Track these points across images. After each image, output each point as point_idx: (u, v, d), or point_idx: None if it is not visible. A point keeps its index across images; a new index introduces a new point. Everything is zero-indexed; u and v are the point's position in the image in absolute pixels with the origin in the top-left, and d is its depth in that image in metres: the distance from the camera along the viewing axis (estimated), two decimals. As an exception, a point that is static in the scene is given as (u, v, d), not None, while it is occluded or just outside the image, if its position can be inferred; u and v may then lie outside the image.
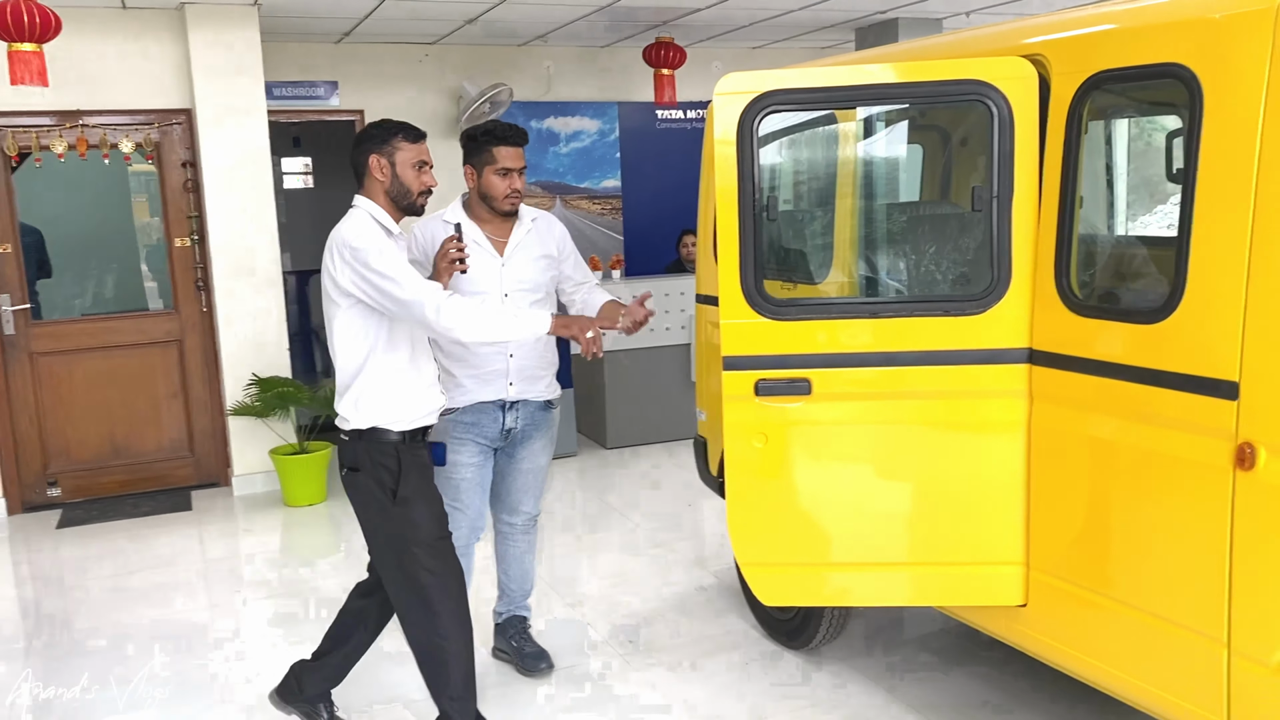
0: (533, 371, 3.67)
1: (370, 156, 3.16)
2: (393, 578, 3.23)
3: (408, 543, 3.16)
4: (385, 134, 3.17)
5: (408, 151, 3.18)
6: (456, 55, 8.43)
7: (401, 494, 3.13)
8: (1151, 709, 2.72)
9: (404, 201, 3.21)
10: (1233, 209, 2.35)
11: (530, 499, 3.87)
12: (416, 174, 3.20)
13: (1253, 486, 2.34)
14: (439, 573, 3.19)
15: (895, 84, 2.92)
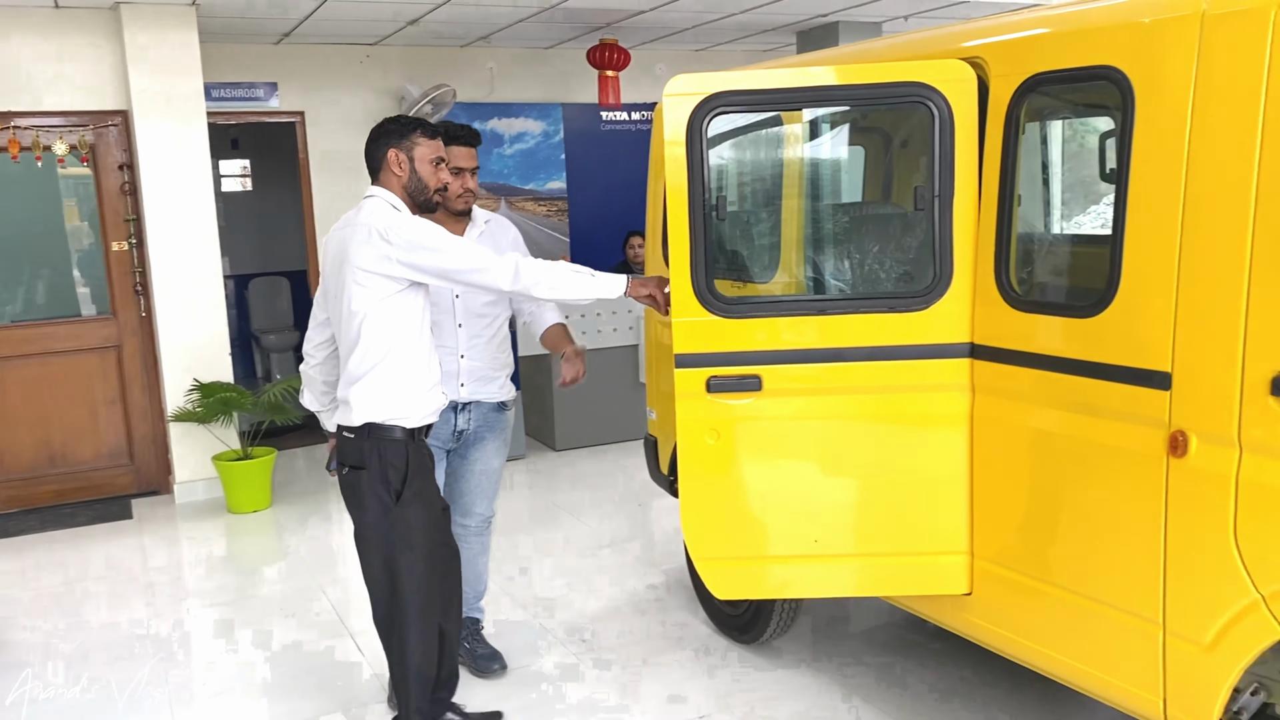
0: (484, 373, 3.68)
1: (389, 150, 3.17)
2: (376, 580, 3.22)
3: (401, 548, 3.15)
4: (404, 129, 3.19)
5: (426, 147, 3.20)
6: (398, 56, 8.39)
7: (406, 496, 3.12)
8: (1092, 691, 2.81)
9: (420, 197, 3.22)
10: (1163, 207, 2.44)
11: (484, 500, 3.88)
12: (434, 170, 3.21)
13: (1184, 473, 2.44)
14: (423, 584, 3.18)
15: (839, 86, 2.98)
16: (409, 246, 3.00)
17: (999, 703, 3.61)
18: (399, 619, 3.18)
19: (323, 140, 8.23)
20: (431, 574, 3.23)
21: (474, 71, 8.66)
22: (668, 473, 4.44)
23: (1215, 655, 2.42)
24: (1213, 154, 2.34)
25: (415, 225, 3.05)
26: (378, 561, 3.19)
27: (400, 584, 3.15)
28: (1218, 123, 2.33)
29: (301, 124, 8.18)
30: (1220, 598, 2.39)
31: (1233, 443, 2.33)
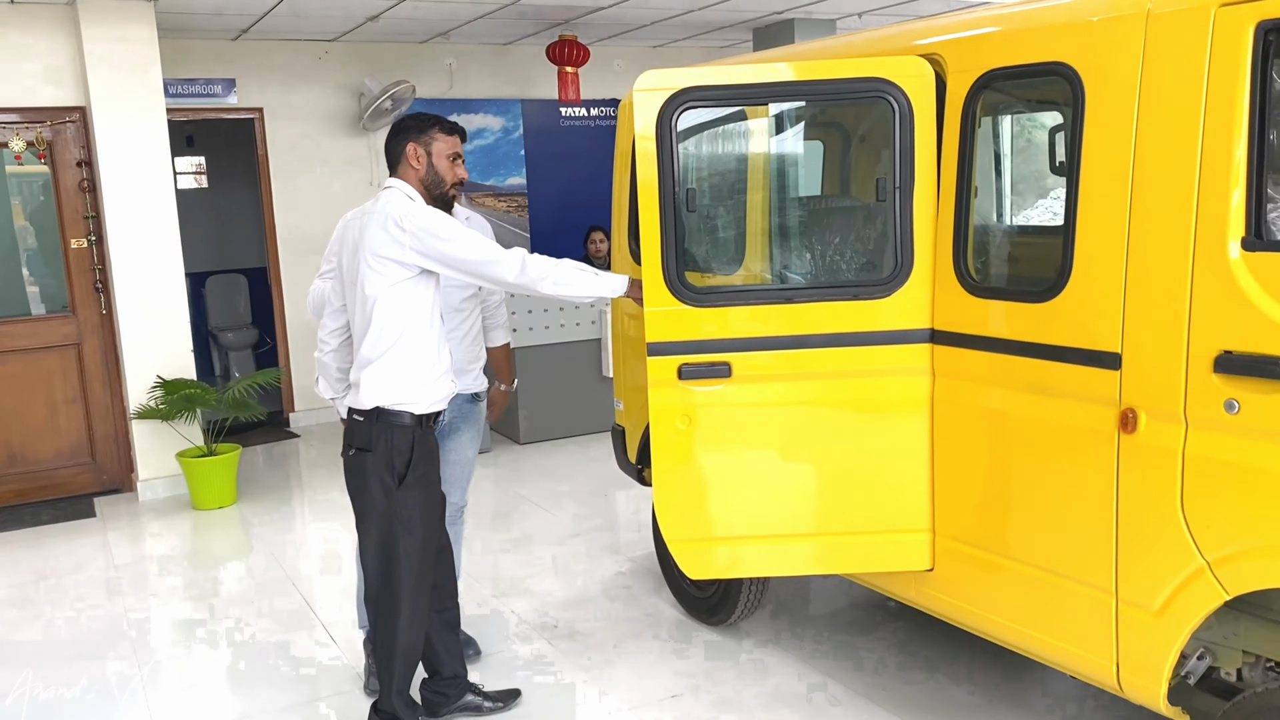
0: (460, 365, 3.74)
1: (408, 145, 3.28)
2: (373, 561, 3.29)
3: (400, 530, 3.22)
4: (423, 125, 3.30)
5: (443, 143, 3.30)
6: (357, 52, 8.39)
7: (409, 480, 3.20)
8: (1048, 659, 2.94)
9: (436, 190, 3.31)
10: (1112, 197, 2.57)
11: (457, 490, 3.94)
12: (450, 165, 3.32)
13: (1134, 448, 2.57)
14: (417, 567, 3.27)
15: (805, 81, 3.09)
16: (421, 234, 3.08)
17: (960, 677, 3.74)
18: (392, 599, 3.25)
19: (282, 137, 8.22)
20: (425, 558, 3.31)
21: (433, 67, 8.69)
22: (636, 461, 4.53)
23: (1164, 620, 2.56)
24: (1158, 146, 2.47)
25: (429, 215, 3.14)
26: (375, 542, 3.25)
27: (396, 565, 3.23)
28: (1163, 116, 2.46)
29: (260, 120, 8.16)
30: (1169, 565, 2.53)
31: (1179, 419, 2.47)
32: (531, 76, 9.11)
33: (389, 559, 3.24)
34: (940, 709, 3.53)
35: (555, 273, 3.14)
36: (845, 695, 3.66)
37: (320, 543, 5.71)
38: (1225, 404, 2.37)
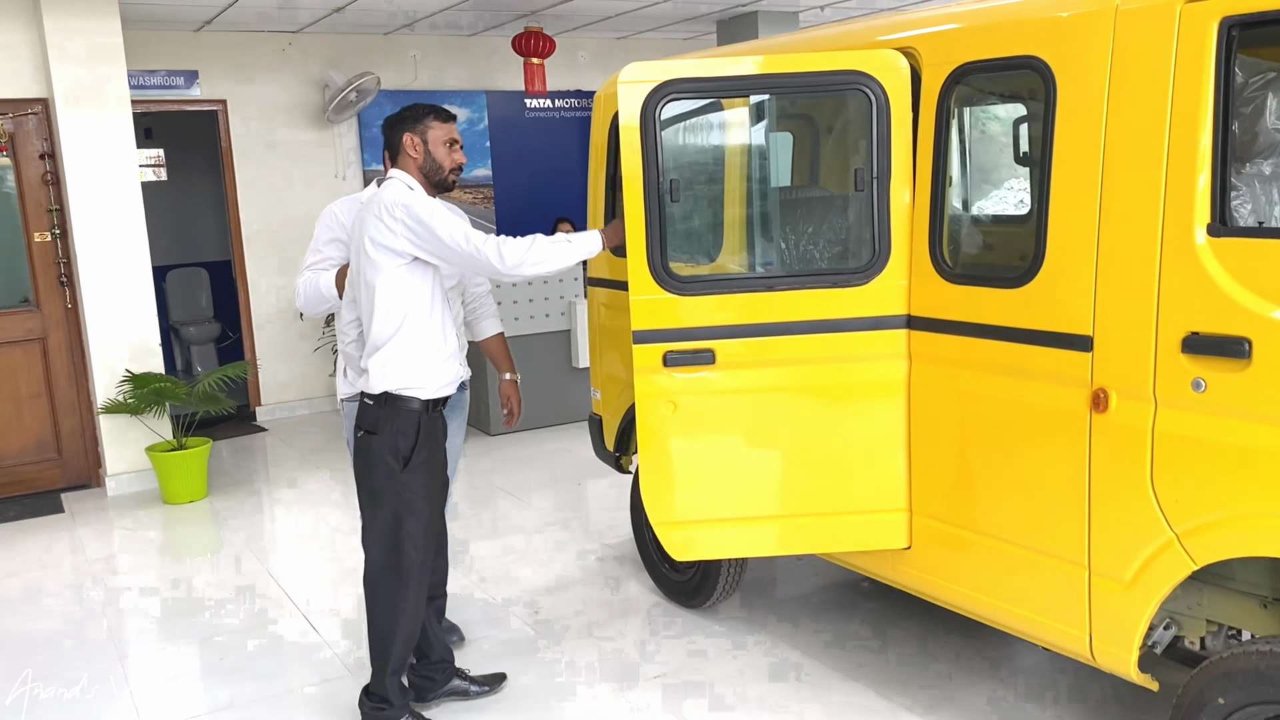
0: None
1: (404, 135, 3.34)
2: (377, 542, 3.35)
3: (405, 512, 3.29)
4: (418, 114, 3.37)
5: (439, 130, 3.37)
6: (320, 44, 8.36)
7: (413, 463, 3.27)
8: (1023, 631, 3.06)
9: (436, 177, 3.39)
10: (1083, 186, 2.68)
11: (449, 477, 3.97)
12: (448, 151, 3.39)
13: (1106, 427, 2.68)
14: (420, 549, 3.34)
15: (784, 74, 3.16)
16: (412, 223, 3.15)
17: (932, 653, 3.86)
18: (396, 581, 3.31)
19: (245, 129, 8.17)
20: (428, 541, 3.39)
21: (397, 59, 8.67)
22: (614, 449, 4.59)
23: (1135, 591, 2.68)
24: (1126, 137, 2.58)
25: (421, 203, 3.20)
26: (381, 524, 3.32)
27: (400, 547, 3.30)
28: (1131, 108, 2.57)
29: (223, 113, 8.10)
30: (1139, 538, 2.64)
31: (1149, 398, 2.58)
32: (496, 68, 9.12)
33: (394, 541, 3.30)
34: (915, 684, 3.64)
35: (533, 254, 3.20)
36: (824, 672, 3.76)
37: (295, 534, 5.72)
38: (1193, 383, 2.48)
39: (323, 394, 8.62)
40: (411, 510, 3.30)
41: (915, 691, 3.59)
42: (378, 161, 8.65)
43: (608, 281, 4.39)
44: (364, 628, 3.49)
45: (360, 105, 8.26)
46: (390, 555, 3.32)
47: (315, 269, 3.78)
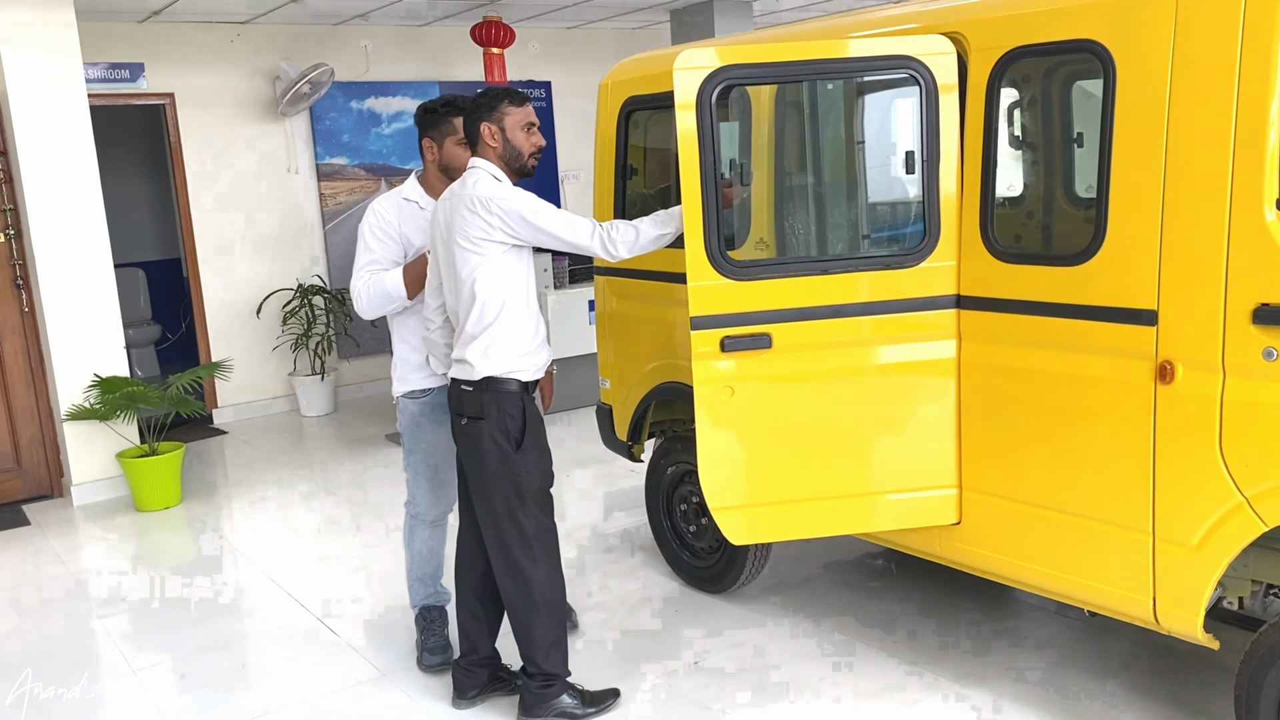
0: None
1: (481, 125, 3.33)
2: (501, 526, 3.36)
3: (522, 491, 3.32)
4: (493, 101, 3.34)
5: (515, 115, 3.35)
6: (269, 35, 8.14)
7: (525, 443, 3.30)
8: (1081, 599, 3.15)
9: (516, 164, 3.38)
10: (1146, 165, 2.77)
11: None
12: (526, 135, 3.37)
13: (1172, 397, 2.78)
14: (545, 523, 3.39)
15: (834, 59, 3.20)
16: (510, 216, 3.20)
17: (955, 627, 3.96)
18: (523, 558, 3.34)
19: (195, 123, 7.91)
20: (545, 511, 3.42)
21: (349, 50, 8.50)
22: (627, 438, 4.59)
23: (1203, 554, 2.78)
24: (1192, 118, 2.67)
25: (515, 197, 3.23)
26: (497, 506, 3.33)
27: (520, 525, 3.32)
28: (1196, 90, 2.66)
29: (171, 106, 7.84)
30: (1207, 503, 2.75)
31: (1217, 368, 2.69)
32: (449, 59, 9.00)
33: (513, 520, 3.33)
34: (936, 656, 3.73)
35: (640, 241, 3.33)
36: (862, 648, 3.82)
37: (284, 537, 5.58)
38: (1264, 352, 2.59)
39: (281, 394, 8.42)
40: (529, 488, 3.34)
41: (950, 665, 3.68)
42: (331, 155, 8.48)
43: (620, 271, 4.39)
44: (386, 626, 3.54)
45: (314, 98, 8.07)
46: (517, 534, 3.34)
47: (372, 269, 3.72)
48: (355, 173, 8.62)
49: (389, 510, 5.80)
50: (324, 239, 8.53)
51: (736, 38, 4.09)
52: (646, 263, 3.92)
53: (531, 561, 3.35)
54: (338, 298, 8.25)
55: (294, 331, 8.20)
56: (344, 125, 8.52)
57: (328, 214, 8.51)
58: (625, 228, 3.33)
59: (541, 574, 3.36)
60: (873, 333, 3.28)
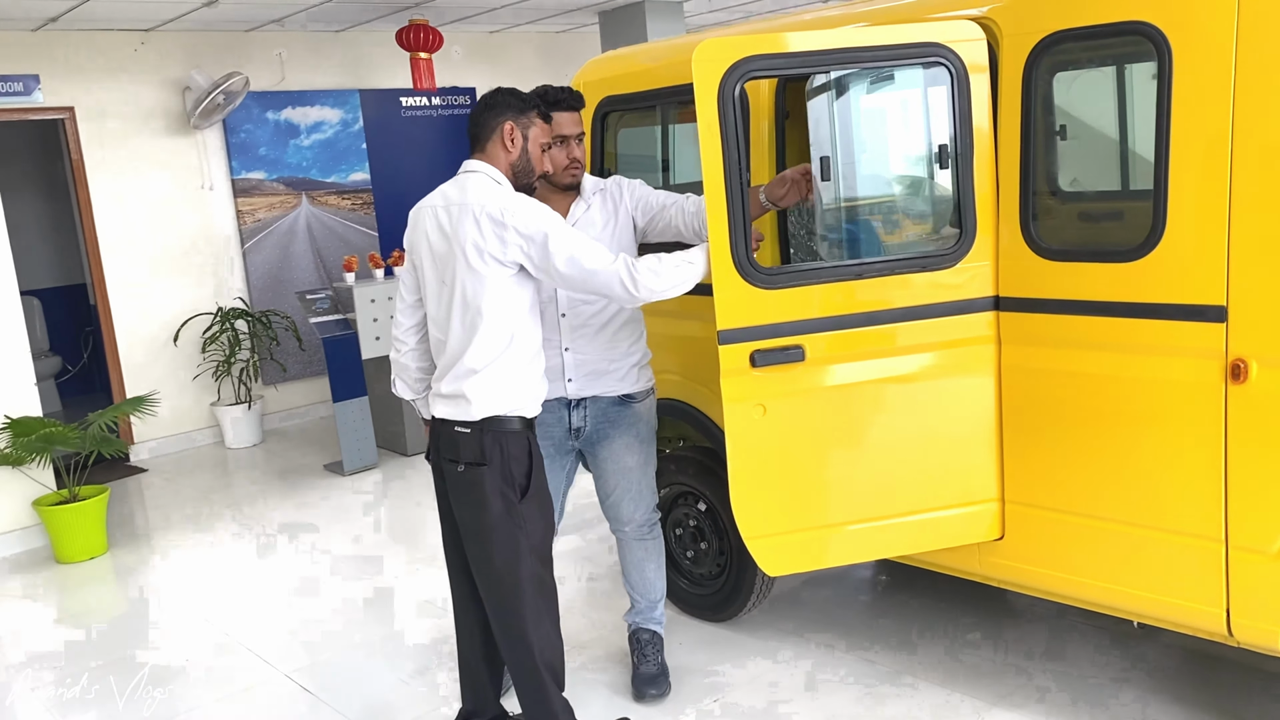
0: (595, 366, 3.34)
1: (506, 122, 2.96)
2: (495, 579, 2.99)
3: (524, 543, 2.96)
4: (524, 104, 3.00)
5: (540, 129, 3.04)
6: (176, 43, 7.62)
7: (530, 490, 2.95)
8: (1142, 614, 2.98)
9: (525, 179, 3.04)
10: (1210, 153, 2.61)
11: (630, 503, 3.52)
12: (542, 155, 3.06)
13: (1246, 396, 2.63)
14: (546, 580, 3.04)
15: (861, 48, 2.97)
16: (534, 238, 2.84)
17: (968, 644, 3.78)
18: (519, 616, 2.98)
19: (98, 138, 7.34)
20: (547, 564, 3.07)
21: (261, 58, 8.01)
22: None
23: (1285, 561, 2.63)
24: (1261, 103, 2.52)
25: (538, 215, 2.85)
26: (501, 559, 2.96)
27: (522, 579, 2.96)
28: (1264, 74, 2.50)
29: (71, 121, 7.26)
30: (1288, 508, 2.60)
31: (1297, 365, 2.54)
32: (367, 66, 8.58)
33: (515, 574, 2.96)
34: (951, 673, 3.55)
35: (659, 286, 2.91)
36: (887, 673, 3.61)
37: (228, 585, 5.11)
38: (1352, 346, 2.45)
39: (203, 425, 7.88)
40: (531, 540, 2.97)
41: (951, 679, 3.49)
42: (247, 169, 7.98)
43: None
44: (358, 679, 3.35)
45: (229, 109, 7.57)
46: (512, 590, 2.97)
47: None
48: (274, 187, 8.13)
49: (337, 546, 5.40)
50: (243, 258, 8.01)
51: (739, 27, 3.83)
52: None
53: (535, 623, 2.99)
54: (262, 320, 7.75)
55: (215, 358, 7.67)
56: (260, 137, 8.02)
57: (246, 231, 8.00)
58: (648, 267, 2.89)
59: (540, 631, 3.01)
60: (908, 340, 3.06)
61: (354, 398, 6.75)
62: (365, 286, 6.84)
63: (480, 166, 2.96)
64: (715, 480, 3.92)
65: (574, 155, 3.26)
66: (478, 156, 2.99)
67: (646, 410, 3.50)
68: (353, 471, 6.75)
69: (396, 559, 5.18)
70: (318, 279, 8.30)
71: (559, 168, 3.25)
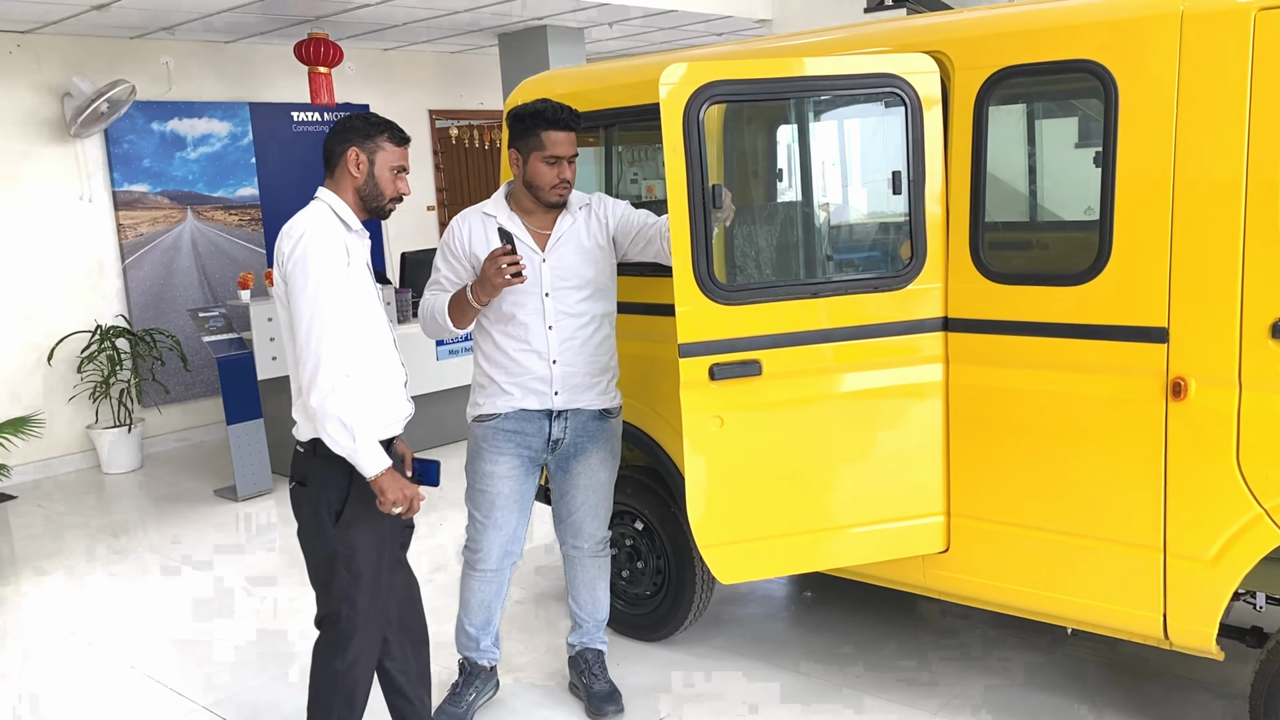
0: (581, 379, 3.34)
1: (350, 148, 2.90)
2: (319, 602, 3.01)
3: (341, 570, 2.92)
4: (371, 129, 2.92)
5: (390, 154, 2.95)
6: (55, 47, 7.25)
7: (346, 516, 2.88)
8: (1084, 621, 3.12)
9: (374, 204, 2.97)
10: (1153, 184, 2.79)
11: (594, 520, 3.52)
12: (393, 178, 2.97)
13: (1185, 413, 2.80)
14: (362, 609, 2.96)
15: (821, 76, 3.06)
16: (293, 274, 2.78)
17: (910, 652, 3.89)
18: (334, 646, 2.99)
19: (-32, 144, 6.92)
20: (374, 602, 2.99)
21: (146, 66, 7.70)
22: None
23: (1219, 568, 2.81)
24: (1202, 139, 2.70)
25: (316, 258, 2.77)
26: (318, 581, 3.00)
27: (336, 606, 2.95)
28: (1205, 112, 2.69)
29: (-62, 126, 6.81)
30: (1224, 516, 2.78)
31: (1233, 383, 2.72)
32: (258, 78, 8.34)
33: (328, 599, 2.97)
34: (887, 686, 3.66)
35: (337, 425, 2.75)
36: (821, 687, 3.68)
37: (126, 615, 4.84)
38: (1285, 365, 2.64)
39: (78, 449, 7.45)
40: (349, 568, 2.92)
41: (911, 697, 3.60)
42: (130, 181, 7.64)
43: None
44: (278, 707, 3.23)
45: (112, 118, 7.24)
46: (328, 612, 2.98)
47: (433, 289, 3.36)
48: (158, 201, 7.80)
49: (237, 571, 5.18)
50: (123, 275, 7.64)
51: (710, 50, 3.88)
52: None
53: (339, 653, 2.97)
54: (144, 340, 7.39)
55: (93, 379, 7.27)
56: (145, 149, 7.69)
57: (127, 247, 7.64)
58: (353, 400, 2.76)
59: (344, 663, 2.97)
60: (860, 358, 3.16)
61: (249, 420, 6.49)
62: (261, 305, 6.61)
63: (323, 194, 2.93)
64: (654, 499, 3.94)
65: (564, 175, 3.25)
66: (327, 182, 2.95)
67: (618, 427, 3.56)
68: (247, 497, 6.49)
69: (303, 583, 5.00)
70: (203, 297, 7.99)
71: (547, 186, 3.25)
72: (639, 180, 5.09)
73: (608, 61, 4.37)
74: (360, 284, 2.89)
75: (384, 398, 2.95)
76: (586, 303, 3.35)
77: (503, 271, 3.10)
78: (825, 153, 3.81)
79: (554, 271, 3.30)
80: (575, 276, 3.31)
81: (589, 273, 3.34)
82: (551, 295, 3.29)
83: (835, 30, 3.43)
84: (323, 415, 2.74)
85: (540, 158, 3.23)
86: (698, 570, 3.87)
